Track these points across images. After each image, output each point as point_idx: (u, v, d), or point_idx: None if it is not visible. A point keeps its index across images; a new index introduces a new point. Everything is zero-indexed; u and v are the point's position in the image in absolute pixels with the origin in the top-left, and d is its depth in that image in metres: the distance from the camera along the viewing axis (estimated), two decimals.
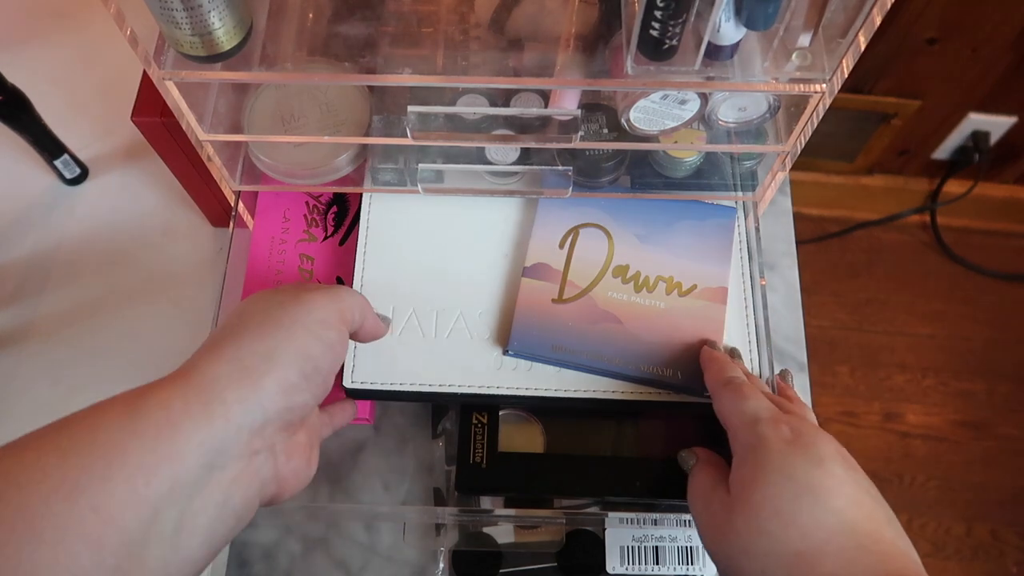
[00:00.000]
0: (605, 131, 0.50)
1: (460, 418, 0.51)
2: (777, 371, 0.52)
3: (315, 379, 0.38)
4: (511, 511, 0.51)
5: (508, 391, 0.49)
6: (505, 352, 0.49)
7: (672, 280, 0.51)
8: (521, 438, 0.52)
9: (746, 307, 0.52)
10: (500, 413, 0.52)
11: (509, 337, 0.49)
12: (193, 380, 0.34)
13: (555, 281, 0.51)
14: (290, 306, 0.38)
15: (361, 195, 0.57)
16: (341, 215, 0.57)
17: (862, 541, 0.34)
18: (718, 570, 0.39)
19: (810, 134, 0.47)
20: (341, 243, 0.56)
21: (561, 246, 0.52)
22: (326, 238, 0.56)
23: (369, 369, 0.49)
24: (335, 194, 0.57)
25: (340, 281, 0.55)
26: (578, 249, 0.52)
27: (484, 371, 0.49)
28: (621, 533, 0.51)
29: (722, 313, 0.51)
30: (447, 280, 0.52)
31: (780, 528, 0.35)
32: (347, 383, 0.49)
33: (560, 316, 0.50)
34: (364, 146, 0.52)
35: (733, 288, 0.53)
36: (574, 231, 0.52)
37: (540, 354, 0.49)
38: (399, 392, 0.49)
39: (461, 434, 0.51)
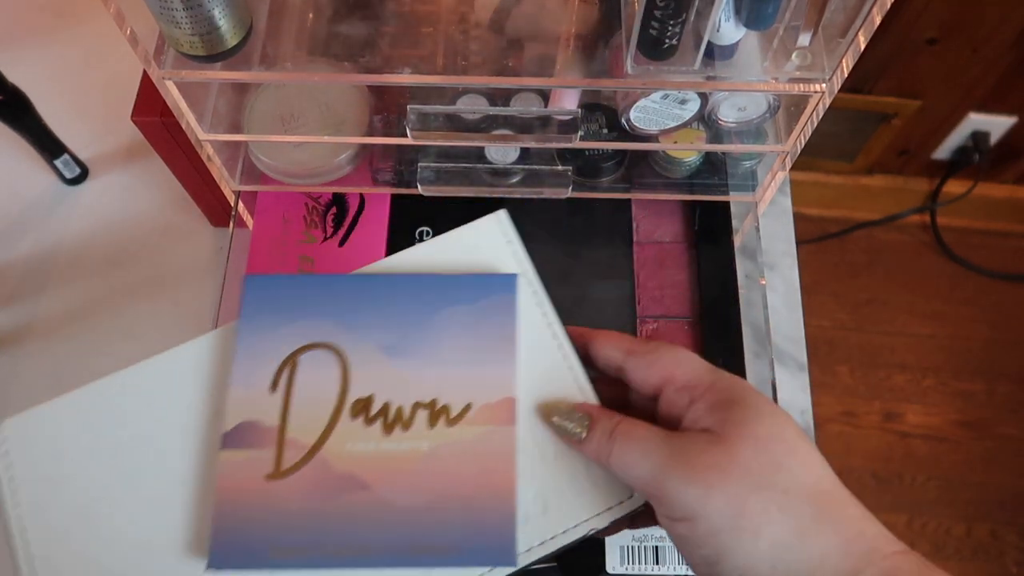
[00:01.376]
0: (605, 131, 0.50)
1: None
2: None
3: None
4: None
5: None
6: (209, 568, 0.35)
7: (436, 405, 0.37)
8: None
9: (578, 387, 0.38)
10: None
11: (209, 545, 0.35)
12: None
13: (269, 446, 0.36)
14: None
15: (362, 197, 0.57)
16: (340, 216, 0.57)
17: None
18: (698, 516, 0.31)
19: (810, 134, 0.47)
20: (341, 244, 0.56)
21: (274, 388, 0.37)
22: (325, 239, 0.56)
23: None
24: (334, 195, 0.57)
25: None
26: (299, 388, 0.37)
27: None
28: (621, 533, 0.51)
29: (511, 439, 0.36)
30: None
31: (799, 465, 0.31)
32: None
33: (280, 498, 0.35)
34: (364, 146, 0.52)
35: (536, 366, 0.38)
36: (290, 362, 0.37)
37: (257, 563, 0.35)
38: None
39: None
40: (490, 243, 0.41)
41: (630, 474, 0.33)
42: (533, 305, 0.40)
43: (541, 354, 0.39)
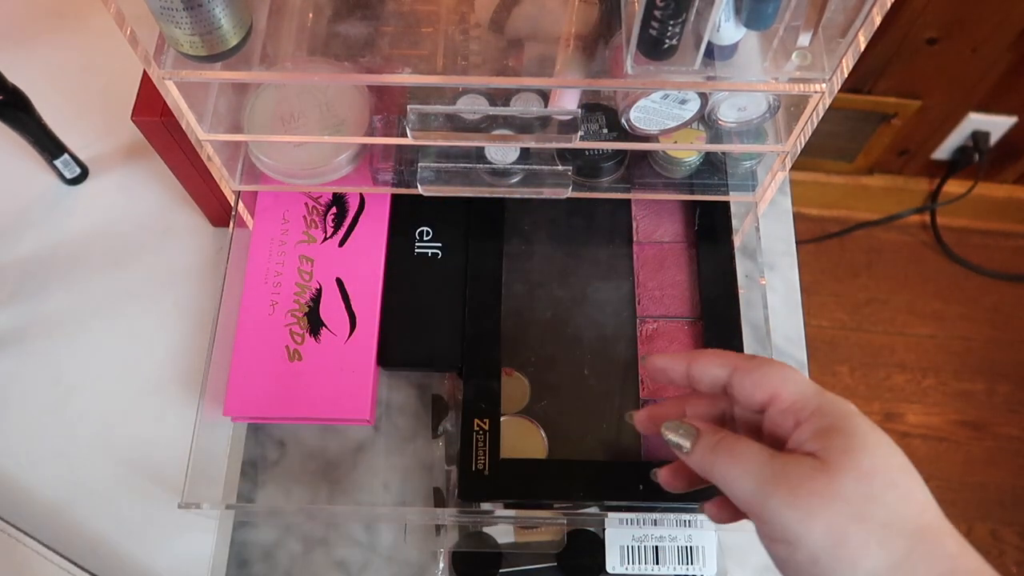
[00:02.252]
0: (605, 131, 0.50)
1: (462, 424, 0.51)
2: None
3: None
4: (511, 512, 0.51)
5: None
6: None
7: None
8: (523, 443, 0.52)
9: None
10: (501, 419, 0.52)
11: None
12: None
13: None
14: None
15: (362, 197, 0.57)
16: (340, 216, 0.57)
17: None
18: (799, 540, 0.32)
19: (810, 134, 0.47)
20: (340, 244, 0.56)
21: None
22: (325, 239, 0.56)
23: None
24: (334, 195, 0.57)
25: (340, 283, 0.55)
26: None
27: None
28: (621, 533, 0.51)
29: None
30: None
31: (899, 500, 0.32)
32: None
33: None
34: (364, 146, 0.52)
35: None
36: None
37: None
38: None
39: (463, 441, 0.51)
40: None
41: (731, 489, 0.34)
42: None
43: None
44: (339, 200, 0.57)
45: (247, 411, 0.53)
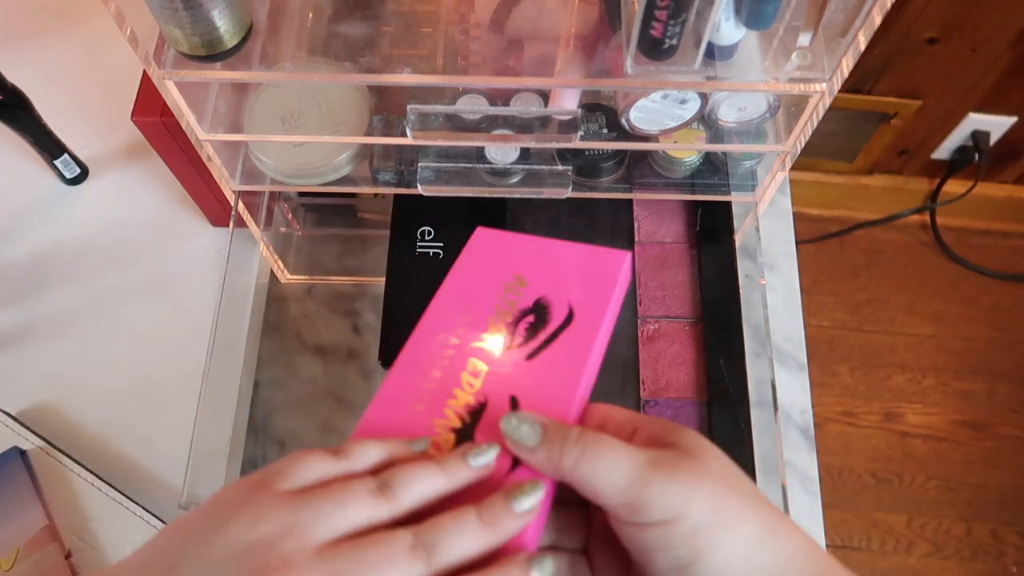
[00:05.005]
0: (605, 131, 0.50)
1: None
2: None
3: None
4: None
5: None
6: None
7: None
8: None
9: None
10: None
11: None
12: None
13: None
14: None
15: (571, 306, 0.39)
16: (537, 326, 0.39)
17: None
18: (681, 515, 0.32)
19: (810, 134, 0.47)
20: (529, 357, 0.37)
21: None
22: (511, 348, 0.38)
23: None
24: (535, 302, 0.39)
25: (514, 402, 0.36)
26: None
27: None
28: None
29: (58, 552, 0.52)
30: None
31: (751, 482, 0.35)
32: None
33: None
34: (364, 146, 0.52)
35: None
36: None
37: None
38: None
39: None
40: None
41: (606, 479, 0.32)
42: (48, 458, 0.56)
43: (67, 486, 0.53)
44: (539, 307, 0.39)
45: None
